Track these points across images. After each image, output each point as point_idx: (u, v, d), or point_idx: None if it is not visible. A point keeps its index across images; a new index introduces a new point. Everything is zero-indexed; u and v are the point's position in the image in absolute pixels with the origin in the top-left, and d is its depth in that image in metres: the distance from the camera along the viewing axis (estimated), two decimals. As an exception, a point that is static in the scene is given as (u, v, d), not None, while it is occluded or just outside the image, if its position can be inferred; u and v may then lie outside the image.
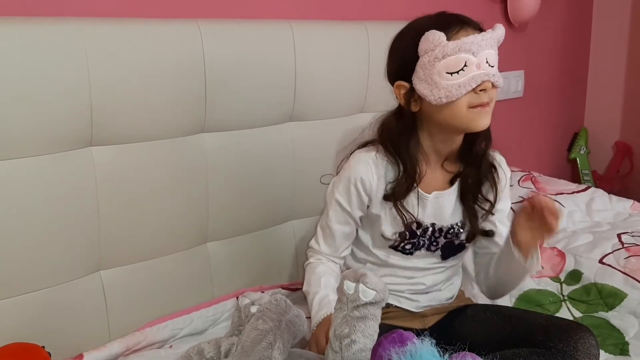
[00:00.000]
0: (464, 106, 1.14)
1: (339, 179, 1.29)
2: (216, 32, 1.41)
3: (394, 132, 1.23)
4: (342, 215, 1.30)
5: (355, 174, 1.25)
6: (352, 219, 1.30)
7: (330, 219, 1.31)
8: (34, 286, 1.23)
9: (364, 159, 1.25)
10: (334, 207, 1.30)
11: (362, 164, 1.25)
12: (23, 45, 1.16)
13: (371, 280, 0.97)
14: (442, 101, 1.13)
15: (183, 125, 1.39)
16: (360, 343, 0.96)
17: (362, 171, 1.24)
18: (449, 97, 1.12)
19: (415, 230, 1.27)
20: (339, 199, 1.28)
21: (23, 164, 1.18)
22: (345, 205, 1.28)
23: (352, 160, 1.27)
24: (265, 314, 1.03)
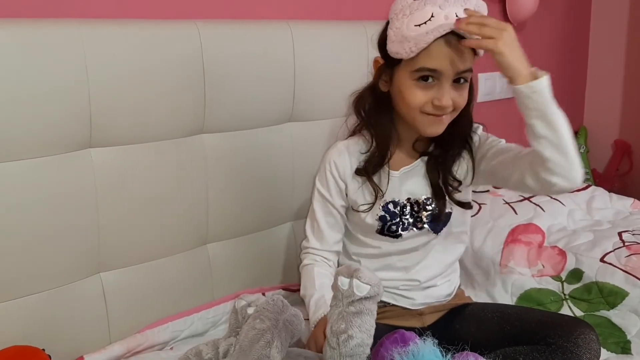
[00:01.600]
0: (416, 108, 1.16)
1: (319, 170, 1.34)
2: (215, 32, 1.40)
3: (368, 107, 1.27)
4: (324, 205, 1.32)
5: (328, 161, 1.30)
6: (334, 209, 1.32)
7: (315, 210, 1.33)
8: (34, 289, 1.23)
9: (338, 146, 1.31)
10: (316, 197, 1.33)
11: (335, 150, 1.31)
12: (22, 47, 1.15)
13: (365, 275, 0.97)
14: (412, 52, 1.11)
15: (182, 126, 1.38)
16: (357, 338, 0.96)
17: (335, 156, 1.30)
18: (418, 45, 1.10)
19: (394, 210, 1.28)
20: (320, 188, 1.32)
21: (22, 166, 1.18)
22: (325, 193, 1.31)
23: (328, 149, 1.33)
24: (262, 313, 1.03)
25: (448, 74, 1.13)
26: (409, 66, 1.14)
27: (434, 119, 1.17)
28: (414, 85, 1.15)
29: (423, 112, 1.17)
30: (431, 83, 1.14)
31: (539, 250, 1.67)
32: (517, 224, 1.72)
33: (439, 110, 1.15)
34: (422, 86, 1.15)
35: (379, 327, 1.07)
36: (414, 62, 1.13)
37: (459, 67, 1.13)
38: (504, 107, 2.34)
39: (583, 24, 2.70)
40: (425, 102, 1.15)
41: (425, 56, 1.12)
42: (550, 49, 2.56)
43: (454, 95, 1.15)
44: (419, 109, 1.16)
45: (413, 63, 1.13)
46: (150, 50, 1.31)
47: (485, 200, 1.83)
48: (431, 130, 1.19)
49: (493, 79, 2.24)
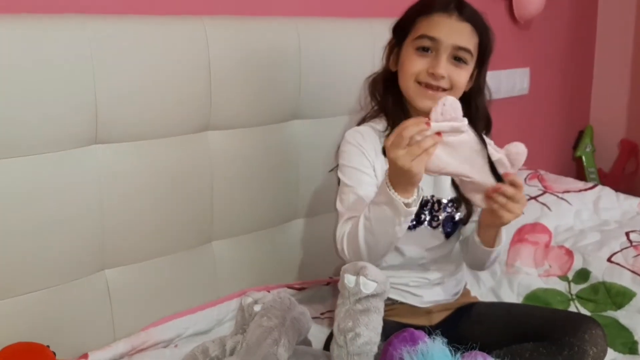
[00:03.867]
0: (412, 75, 1.21)
1: (342, 152, 1.28)
2: (221, 29, 1.40)
3: (382, 88, 1.31)
4: (358, 178, 1.24)
5: (353, 138, 1.28)
6: (369, 177, 1.25)
7: (349, 185, 1.24)
8: (39, 286, 1.23)
9: (360, 128, 1.30)
10: (347, 175, 1.25)
11: (358, 131, 1.29)
12: (28, 43, 1.15)
13: (371, 273, 0.97)
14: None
15: (188, 123, 1.38)
16: (364, 336, 0.96)
17: (358, 135, 1.28)
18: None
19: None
20: (349, 164, 1.26)
21: (27, 163, 1.18)
22: (357, 165, 1.25)
23: (349, 131, 1.31)
24: (269, 311, 1.03)
25: (446, 44, 1.18)
26: (411, 37, 1.22)
27: (428, 92, 1.20)
28: (413, 54, 1.21)
29: (417, 82, 1.20)
30: (429, 54, 1.20)
31: (545, 250, 1.66)
32: (524, 224, 1.72)
33: (433, 79, 1.18)
34: (420, 55, 1.20)
35: (388, 324, 1.07)
36: (416, 31, 1.21)
37: (457, 41, 1.18)
38: (509, 105, 2.34)
39: (589, 23, 2.69)
40: (421, 69, 1.19)
41: (426, 25, 1.20)
42: (556, 47, 2.55)
43: (450, 70, 1.19)
44: (414, 77, 1.20)
45: (415, 32, 1.21)
46: (156, 47, 1.31)
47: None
48: (424, 103, 1.20)
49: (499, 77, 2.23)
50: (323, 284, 1.62)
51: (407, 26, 1.24)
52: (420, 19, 1.22)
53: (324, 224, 1.67)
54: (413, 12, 1.24)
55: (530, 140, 2.56)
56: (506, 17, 2.26)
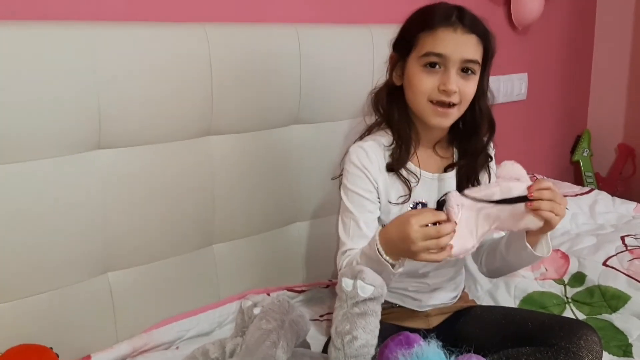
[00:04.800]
0: (424, 94, 1.19)
1: (345, 171, 1.28)
2: (223, 35, 1.41)
3: (385, 102, 1.28)
4: (360, 204, 1.24)
5: (356, 158, 1.25)
6: (372, 204, 1.25)
7: (350, 211, 1.24)
8: (42, 288, 1.24)
9: (364, 145, 1.26)
10: (349, 198, 1.25)
11: (361, 148, 1.26)
12: (32, 48, 1.17)
13: (369, 276, 0.99)
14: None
15: (190, 128, 1.39)
16: (361, 339, 0.97)
17: (362, 154, 1.25)
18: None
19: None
20: (351, 187, 1.25)
21: (31, 167, 1.19)
22: (359, 191, 1.24)
23: (351, 149, 1.28)
24: (268, 314, 1.04)
25: (454, 59, 1.16)
26: (417, 53, 1.19)
27: (437, 109, 1.19)
28: (422, 71, 1.19)
29: (430, 101, 1.19)
30: (438, 69, 1.18)
31: (542, 253, 1.67)
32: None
33: (445, 95, 1.17)
34: (429, 72, 1.18)
35: (386, 326, 1.08)
36: (421, 48, 1.18)
37: (464, 54, 1.17)
38: (507, 111, 2.35)
39: (587, 29, 2.70)
40: (432, 88, 1.18)
41: (431, 41, 1.17)
42: (554, 52, 2.56)
43: (460, 83, 1.18)
44: (426, 96, 1.19)
45: (420, 49, 1.18)
46: (158, 53, 1.32)
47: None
48: (436, 121, 1.21)
49: (497, 83, 2.25)
50: (323, 286, 1.63)
51: (410, 41, 1.21)
52: (423, 34, 1.19)
53: (324, 227, 1.68)
54: (414, 27, 1.22)
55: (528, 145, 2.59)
56: (504, 23, 2.27)
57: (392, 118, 1.27)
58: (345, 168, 1.27)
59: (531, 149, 2.54)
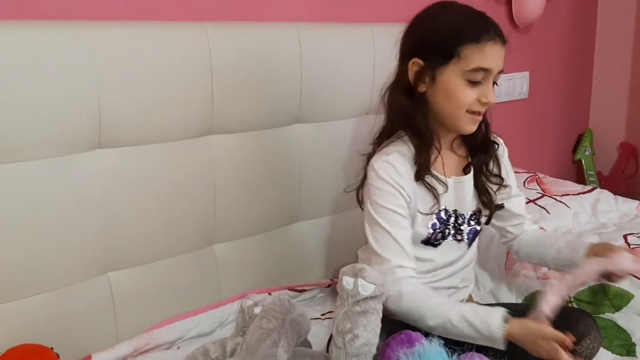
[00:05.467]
0: (465, 106, 1.19)
1: (371, 186, 1.23)
2: (223, 34, 1.41)
3: (408, 109, 1.24)
4: (393, 219, 1.21)
5: (384, 172, 1.22)
6: (404, 219, 1.22)
7: (385, 227, 1.21)
8: (43, 288, 1.24)
9: (388, 157, 1.23)
10: (380, 214, 1.21)
11: (385, 160, 1.22)
12: (32, 48, 1.16)
13: (370, 275, 0.98)
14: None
15: (190, 128, 1.39)
16: (363, 337, 0.97)
17: (388, 166, 1.22)
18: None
19: (444, 217, 1.28)
20: (382, 203, 1.21)
21: (32, 167, 1.19)
22: (391, 206, 1.21)
23: (374, 162, 1.24)
24: (269, 313, 1.03)
25: (495, 72, 1.19)
26: (460, 66, 1.17)
27: (475, 117, 1.22)
28: (465, 85, 1.18)
29: (468, 111, 1.20)
30: (479, 82, 1.18)
31: (544, 252, 1.67)
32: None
33: (484, 107, 1.20)
34: (472, 85, 1.18)
35: (393, 324, 1.07)
36: (467, 62, 1.16)
37: (501, 66, 1.20)
38: (509, 109, 2.35)
39: (589, 26, 2.70)
40: (473, 100, 1.19)
41: (480, 56, 1.16)
42: (556, 51, 2.56)
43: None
44: (466, 107, 1.19)
45: (466, 63, 1.16)
46: (159, 52, 1.32)
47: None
48: (470, 128, 1.23)
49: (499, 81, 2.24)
50: (324, 286, 1.63)
51: (449, 52, 1.17)
52: (468, 47, 1.16)
53: (325, 227, 1.69)
54: (453, 37, 1.17)
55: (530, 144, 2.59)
56: (506, 22, 2.26)
57: (414, 125, 1.24)
58: (372, 184, 1.23)
59: (533, 147, 2.54)
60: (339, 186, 1.69)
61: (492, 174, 1.33)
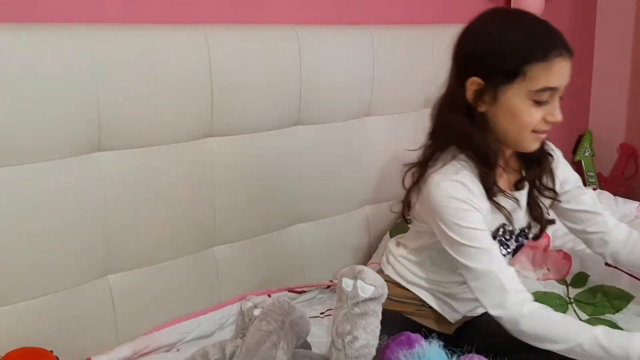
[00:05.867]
0: (531, 127, 1.13)
1: (447, 210, 1.14)
2: (222, 37, 1.42)
3: (465, 132, 1.16)
4: (491, 245, 1.14)
5: (458, 194, 1.14)
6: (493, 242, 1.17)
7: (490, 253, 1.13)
8: (42, 291, 1.24)
9: (454, 181, 1.14)
10: (478, 242, 1.13)
11: (452, 184, 1.14)
12: (32, 51, 1.17)
13: (369, 276, 0.98)
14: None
15: (190, 130, 1.39)
16: (362, 339, 0.96)
17: (461, 190, 1.14)
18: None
19: (502, 234, 1.23)
20: (472, 224, 1.13)
21: (31, 169, 1.19)
22: (478, 224, 1.14)
23: (439, 187, 1.15)
24: (268, 315, 1.03)
25: (561, 89, 1.13)
26: (525, 86, 1.10)
27: (539, 137, 1.16)
28: (531, 106, 1.11)
29: (533, 131, 1.14)
30: (545, 101, 1.11)
31: (544, 254, 1.67)
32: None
33: (550, 126, 1.14)
34: (538, 105, 1.11)
35: (409, 324, 1.08)
36: (533, 82, 1.09)
37: (567, 81, 1.13)
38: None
39: (588, 27, 2.70)
40: (539, 120, 1.13)
41: (548, 75, 1.09)
42: (555, 52, 2.56)
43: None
44: (532, 127, 1.13)
45: (533, 83, 1.09)
46: (158, 55, 1.32)
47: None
48: (534, 146, 1.18)
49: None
50: (324, 287, 1.63)
51: (513, 71, 1.09)
52: (535, 65, 1.08)
53: (325, 228, 1.69)
54: (518, 54, 1.10)
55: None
56: (505, 23, 2.26)
57: (476, 147, 1.16)
58: (447, 205, 1.14)
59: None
60: (338, 188, 1.69)
61: (545, 187, 1.27)
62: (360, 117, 1.71)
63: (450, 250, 1.15)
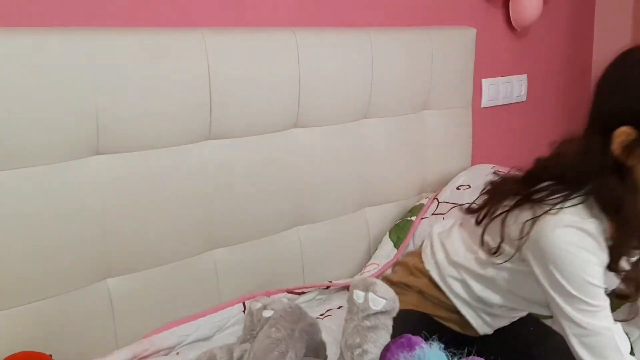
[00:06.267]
0: None
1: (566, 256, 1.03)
2: (220, 40, 1.41)
3: (613, 192, 1.03)
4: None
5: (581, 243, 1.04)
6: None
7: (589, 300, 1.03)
8: (41, 295, 1.24)
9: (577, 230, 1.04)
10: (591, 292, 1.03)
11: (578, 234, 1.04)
12: (29, 55, 1.17)
13: (381, 289, 0.96)
14: None
15: (188, 133, 1.39)
16: (371, 353, 0.94)
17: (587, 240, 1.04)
18: None
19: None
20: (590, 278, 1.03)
21: (30, 173, 1.19)
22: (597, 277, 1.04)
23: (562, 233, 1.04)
24: (278, 322, 1.02)
25: None
26: None
27: None
28: None
29: None
30: None
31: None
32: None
33: None
34: None
35: (437, 326, 1.08)
36: None
37: None
38: (507, 112, 2.35)
39: (587, 29, 2.70)
40: None
41: None
42: (553, 54, 2.56)
43: None
44: None
45: None
46: (156, 58, 1.32)
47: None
48: None
49: (497, 85, 2.25)
50: (323, 288, 1.63)
51: None
52: None
53: (324, 231, 1.69)
54: None
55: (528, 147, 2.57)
56: (503, 25, 2.27)
57: (623, 210, 1.03)
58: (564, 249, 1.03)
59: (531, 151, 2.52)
60: (337, 190, 1.69)
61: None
62: (359, 119, 1.71)
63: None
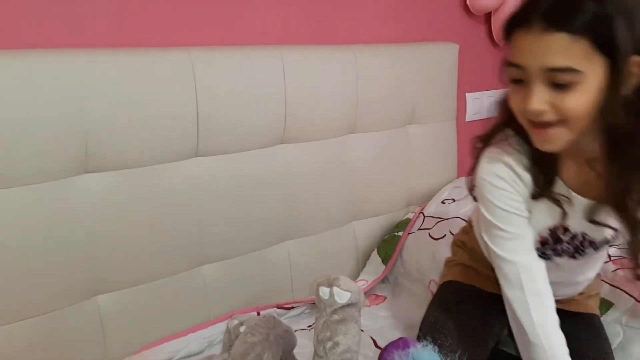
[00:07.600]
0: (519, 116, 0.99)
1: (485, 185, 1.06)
2: (207, 59, 1.43)
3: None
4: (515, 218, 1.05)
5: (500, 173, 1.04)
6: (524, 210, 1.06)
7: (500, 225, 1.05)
8: (31, 313, 1.25)
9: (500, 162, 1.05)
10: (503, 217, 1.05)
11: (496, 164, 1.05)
12: (18, 76, 1.18)
13: (345, 283, 1.00)
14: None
15: (176, 151, 1.41)
16: (343, 344, 0.97)
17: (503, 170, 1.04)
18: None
19: (562, 237, 1.11)
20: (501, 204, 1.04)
21: (19, 192, 1.21)
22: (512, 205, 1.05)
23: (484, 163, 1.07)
24: (254, 328, 1.04)
25: (534, 70, 0.92)
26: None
27: (537, 132, 0.97)
28: (511, 90, 0.98)
29: (529, 122, 0.97)
30: (522, 86, 0.95)
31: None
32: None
33: (531, 116, 0.95)
34: (516, 90, 0.97)
35: (466, 287, 1.12)
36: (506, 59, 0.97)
37: (545, 61, 0.90)
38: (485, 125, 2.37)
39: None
40: (522, 108, 0.96)
41: (511, 49, 0.95)
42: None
43: (553, 99, 0.92)
44: (521, 115, 0.98)
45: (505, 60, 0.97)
46: (144, 78, 1.34)
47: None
48: (540, 145, 0.98)
49: (481, 99, 2.27)
50: (311, 302, 1.64)
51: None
52: (509, 39, 0.96)
53: (312, 245, 1.70)
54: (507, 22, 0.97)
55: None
56: (487, 40, 2.29)
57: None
58: (481, 176, 1.06)
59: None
60: (325, 204, 1.71)
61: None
62: (345, 134, 1.73)
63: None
